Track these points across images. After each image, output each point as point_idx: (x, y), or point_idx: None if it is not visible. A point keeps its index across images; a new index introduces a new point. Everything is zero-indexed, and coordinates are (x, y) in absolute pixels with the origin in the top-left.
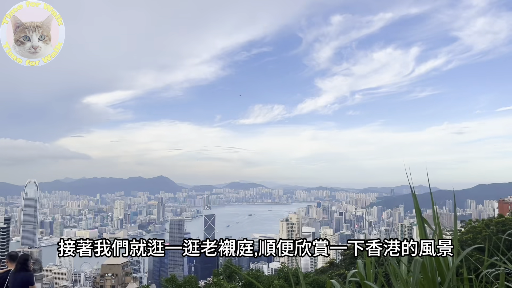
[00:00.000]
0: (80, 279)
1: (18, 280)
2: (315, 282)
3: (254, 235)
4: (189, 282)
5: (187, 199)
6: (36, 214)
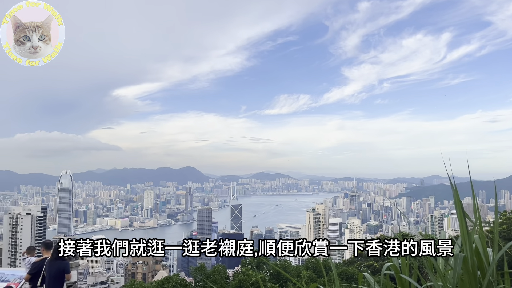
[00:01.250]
0: (113, 266)
1: (54, 268)
2: (344, 274)
3: (280, 225)
4: (218, 271)
5: (214, 189)
6: (71, 203)
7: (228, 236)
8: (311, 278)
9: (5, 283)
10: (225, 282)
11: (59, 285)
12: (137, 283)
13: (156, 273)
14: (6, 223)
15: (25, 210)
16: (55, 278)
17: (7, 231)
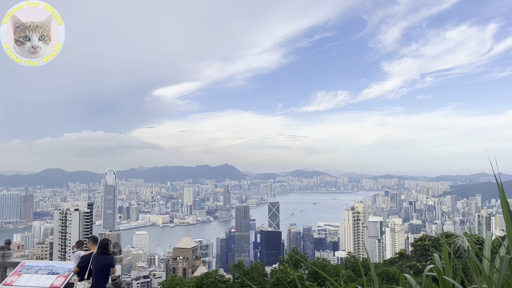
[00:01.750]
0: (155, 261)
1: (100, 263)
2: (384, 274)
3: (319, 224)
4: (256, 268)
5: (251, 187)
6: (115, 200)
7: (266, 233)
8: (350, 278)
9: (55, 276)
10: (263, 280)
11: (105, 279)
12: (178, 279)
13: (196, 268)
14: (56, 218)
15: (74, 206)
16: (101, 272)
17: (57, 226)
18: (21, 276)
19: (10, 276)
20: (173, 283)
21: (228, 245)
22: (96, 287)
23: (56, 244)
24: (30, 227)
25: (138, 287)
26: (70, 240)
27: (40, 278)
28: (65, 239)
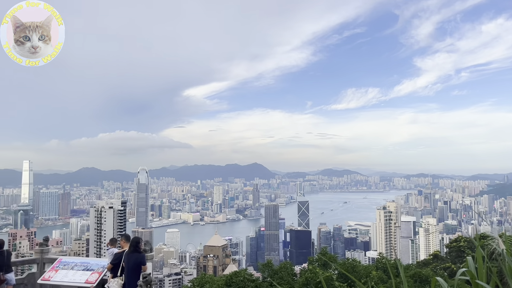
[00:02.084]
0: (186, 258)
1: (132, 260)
2: (417, 276)
3: (349, 223)
4: (285, 268)
5: (280, 186)
6: (147, 198)
7: (296, 232)
8: (381, 279)
9: (90, 272)
10: (292, 279)
11: (136, 276)
12: (207, 277)
13: (226, 266)
14: (92, 216)
15: (108, 204)
16: (133, 270)
17: (93, 223)
18: (58, 271)
19: (48, 272)
20: (202, 281)
21: (257, 243)
22: (129, 284)
23: (92, 240)
24: (68, 224)
25: (170, 284)
26: (105, 237)
27: (76, 274)
28: (100, 236)
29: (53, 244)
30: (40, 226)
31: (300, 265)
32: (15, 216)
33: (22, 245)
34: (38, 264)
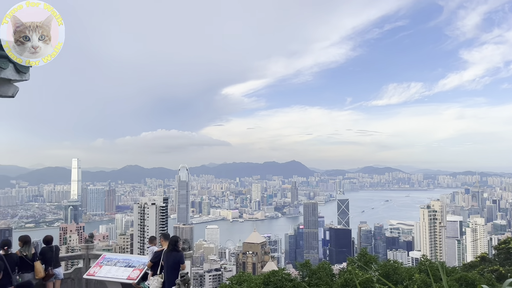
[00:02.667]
0: (226, 254)
1: (171, 259)
2: (463, 279)
3: (391, 222)
4: (323, 268)
5: (319, 183)
6: (188, 195)
7: (336, 231)
8: (424, 282)
9: (131, 268)
10: (331, 280)
11: (175, 274)
12: (245, 275)
13: (265, 263)
14: (135, 212)
15: (151, 200)
16: (172, 268)
17: (136, 219)
18: (102, 267)
19: (93, 267)
20: (240, 279)
21: (296, 241)
22: (168, 282)
23: (136, 235)
24: (113, 219)
25: (210, 280)
26: (148, 232)
27: (118, 270)
28: (143, 231)
29: (100, 238)
30: (88, 221)
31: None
32: (65, 211)
33: (72, 239)
34: (84, 259)
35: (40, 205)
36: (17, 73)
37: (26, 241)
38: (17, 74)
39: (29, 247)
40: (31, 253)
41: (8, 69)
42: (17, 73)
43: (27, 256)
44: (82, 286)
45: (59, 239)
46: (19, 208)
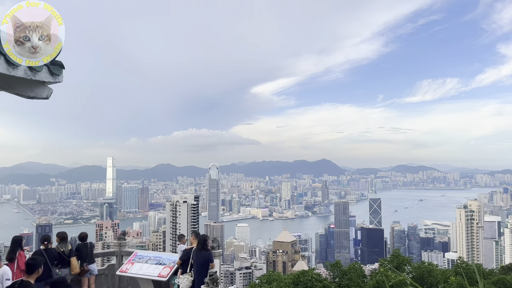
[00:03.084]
0: (256, 253)
1: (200, 258)
2: (501, 282)
3: (426, 222)
4: (354, 268)
5: (350, 182)
6: (218, 193)
7: (367, 230)
8: (461, 285)
9: (162, 266)
10: (362, 281)
11: (205, 273)
12: (275, 274)
13: (295, 262)
14: (168, 209)
15: (182, 198)
16: (201, 266)
17: (169, 216)
18: (134, 264)
19: (125, 264)
20: (270, 278)
21: (327, 240)
22: (197, 281)
23: (168, 233)
24: (146, 217)
25: (241, 277)
26: (179, 229)
27: (150, 267)
28: (175, 229)
29: (134, 235)
30: (123, 218)
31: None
32: (101, 209)
33: (107, 235)
34: (116, 256)
35: (77, 202)
36: (51, 75)
37: (63, 238)
38: (51, 76)
39: (66, 244)
40: (67, 249)
41: (42, 72)
42: (51, 75)
43: (64, 252)
44: (115, 282)
45: (95, 236)
46: (58, 205)
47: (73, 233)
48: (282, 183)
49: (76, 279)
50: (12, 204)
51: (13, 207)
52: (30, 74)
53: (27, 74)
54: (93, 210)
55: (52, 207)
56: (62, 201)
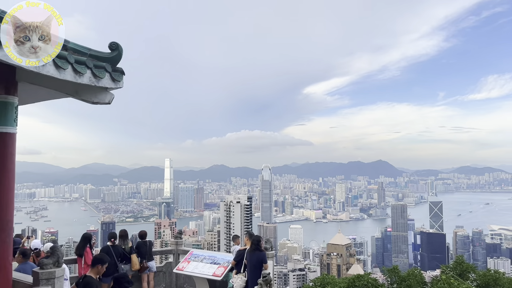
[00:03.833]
0: (309, 255)
1: (254, 258)
2: None
3: (492, 227)
4: (413, 275)
5: (408, 184)
6: (271, 194)
7: (428, 235)
8: None
9: (217, 265)
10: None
11: (258, 274)
12: (329, 277)
13: (350, 266)
14: (222, 209)
15: (236, 199)
16: (255, 267)
17: (223, 216)
18: (190, 263)
19: (182, 263)
20: (324, 281)
21: (384, 244)
22: (251, 281)
23: (222, 232)
24: (202, 216)
25: (294, 279)
26: (233, 229)
27: (205, 266)
28: (229, 228)
29: (190, 234)
30: (179, 217)
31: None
32: (159, 208)
33: (165, 234)
34: (173, 254)
35: (138, 201)
36: (113, 82)
37: (123, 235)
38: (112, 82)
39: (127, 241)
40: (128, 246)
41: (104, 78)
42: (113, 82)
43: (125, 249)
44: (173, 279)
45: (154, 234)
46: (121, 203)
47: (133, 231)
48: (336, 184)
49: (136, 275)
50: (79, 202)
51: (81, 205)
52: (94, 81)
53: (92, 81)
54: (152, 209)
55: (115, 205)
56: (124, 200)
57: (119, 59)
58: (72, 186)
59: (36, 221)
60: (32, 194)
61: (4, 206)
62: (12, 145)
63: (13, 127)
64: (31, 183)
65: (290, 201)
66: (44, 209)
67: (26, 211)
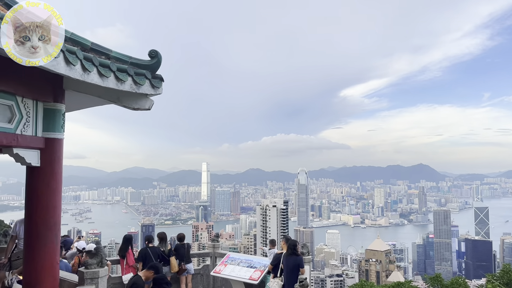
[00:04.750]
0: (347, 260)
1: (290, 263)
2: None
3: None
4: (457, 283)
5: (451, 189)
6: (307, 199)
7: (473, 242)
8: None
9: (253, 269)
10: None
11: (295, 278)
12: (368, 284)
13: (390, 273)
14: (258, 213)
15: (272, 203)
16: (292, 271)
17: (259, 220)
18: (227, 266)
19: (219, 266)
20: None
21: (425, 251)
22: (287, 286)
23: (259, 236)
24: (238, 220)
25: (332, 284)
26: (269, 233)
27: (241, 270)
28: (265, 232)
29: (227, 237)
30: (216, 220)
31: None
32: (197, 211)
33: (202, 236)
34: (211, 257)
35: (176, 204)
36: (152, 88)
37: (162, 238)
38: (152, 89)
39: (165, 243)
40: (167, 249)
41: (145, 85)
42: (152, 88)
43: (164, 252)
44: (210, 281)
45: (192, 236)
46: (160, 206)
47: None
48: (375, 189)
49: (175, 277)
50: (121, 205)
51: (122, 208)
52: (135, 88)
53: (132, 88)
54: (189, 212)
55: (154, 208)
56: (162, 203)
57: (158, 66)
58: (114, 189)
59: (81, 223)
60: (77, 196)
61: (52, 208)
62: (60, 150)
63: (61, 133)
64: (76, 186)
65: (327, 205)
66: (88, 211)
67: (71, 213)
